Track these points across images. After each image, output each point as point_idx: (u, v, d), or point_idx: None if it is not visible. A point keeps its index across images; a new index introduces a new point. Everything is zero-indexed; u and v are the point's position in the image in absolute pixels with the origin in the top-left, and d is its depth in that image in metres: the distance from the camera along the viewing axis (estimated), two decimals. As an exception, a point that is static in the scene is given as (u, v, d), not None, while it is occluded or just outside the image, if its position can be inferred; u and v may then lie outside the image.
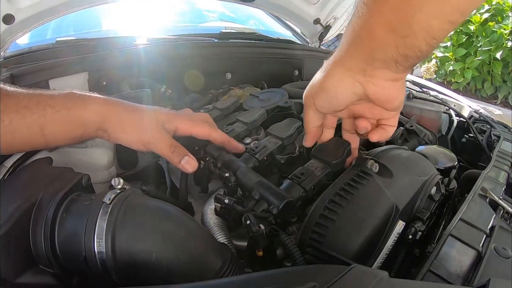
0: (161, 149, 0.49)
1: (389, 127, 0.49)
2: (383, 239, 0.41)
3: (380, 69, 0.39)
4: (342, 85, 0.42)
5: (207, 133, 0.54)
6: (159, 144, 0.49)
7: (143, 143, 0.48)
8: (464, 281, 0.36)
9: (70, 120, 0.45)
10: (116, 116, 0.48)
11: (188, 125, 0.53)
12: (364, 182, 0.45)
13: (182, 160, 0.49)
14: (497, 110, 1.14)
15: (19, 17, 0.86)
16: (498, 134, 0.80)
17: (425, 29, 0.33)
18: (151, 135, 0.48)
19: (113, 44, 0.97)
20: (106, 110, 0.47)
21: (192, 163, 0.50)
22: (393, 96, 0.43)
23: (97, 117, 0.46)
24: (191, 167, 0.50)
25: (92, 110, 0.46)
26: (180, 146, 0.50)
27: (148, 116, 0.50)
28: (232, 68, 1.09)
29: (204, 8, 1.85)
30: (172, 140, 0.50)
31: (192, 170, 0.50)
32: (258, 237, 0.41)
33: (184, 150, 0.51)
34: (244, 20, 1.84)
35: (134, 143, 0.49)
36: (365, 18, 0.36)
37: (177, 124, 0.52)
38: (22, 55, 0.89)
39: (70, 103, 0.45)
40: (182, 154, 0.50)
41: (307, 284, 0.28)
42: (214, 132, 0.55)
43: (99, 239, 0.34)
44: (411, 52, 0.36)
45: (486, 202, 0.49)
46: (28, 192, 0.38)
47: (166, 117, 0.51)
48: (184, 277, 0.35)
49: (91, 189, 0.44)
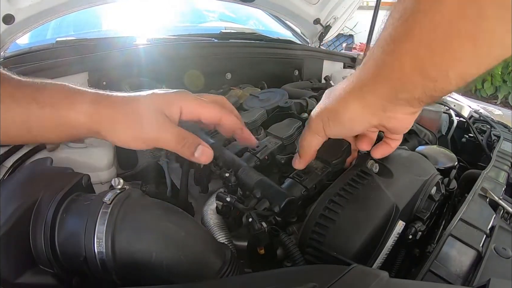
0: (167, 144, 0.41)
1: (394, 142, 0.47)
2: (383, 239, 0.41)
3: (401, 106, 0.38)
4: (360, 120, 0.40)
5: (218, 116, 0.45)
6: (162, 138, 0.41)
7: (143, 141, 0.41)
8: (464, 281, 0.36)
9: (56, 120, 0.40)
10: (106, 115, 0.41)
11: (195, 105, 0.44)
12: (364, 182, 0.45)
13: (196, 152, 0.42)
14: (497, 110, 1.14)
15: (19, 17, 0.86)
16: (498, 134, 0.80)
17: (460, 76, 0.32)
18: (151, 130, 0.41)
19: (113, 44, 0.97)
20: (94, 111, 0.41)
21: (208, 152, 0.42)
22: (409, 124, 0.42)
23: (85, 119, 0.40)
24: (207, 158, 0.42)
25: (78, 110, 0.40)
26: (190, 134, 0.42)
27: (143, 107, 0.42)
28: (232, 68, 1.09)
29: (204, 8, 1.85)
30: (178, 130, 0.42)
31: (209, 161, 0.42)
32: (260, 235, 0.41)
33: (195, 138, 0.43)
34: (244, 20, 1.84)
35: (132, 143, 0.41)
36: (394, 56, 0.34)
37: (181, 105, 0.43)
38: (22, 55, 0.89)
39: (56, 100, 0.40)
40: (195, 145, 0.42)
41: (307, 284, 0.28)
42: (225, 117, 0.46)
43: (99, 239, 0.34)
44: (439, 94, 0.34)
45: (486, 202, 0.49)
46: (28, 192, 0.38)
47: (165, 101, 0.43)
48: (184, 277, 0.35)
49: (91, 189, 0.44)
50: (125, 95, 0.43)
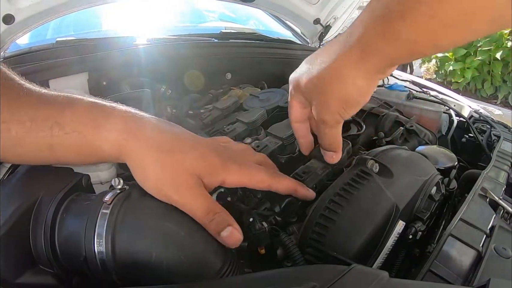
0: (193, 213, 0.36)
1: None
2: (383, 239, 0.41)
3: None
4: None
5: (267, 185, 0.42)
6: (188, 204, 0.36)
7: (167, 199, 0.36)
8: (464, 281, 0.36)
9: (82, 147, 0.36)
10: (135, 151, 0.36)
11: (239, 178, 0.40)
12: (365, 182, 0.45)
13: (224, 232, 0.36)
14: (497, 110, 1.14)
15: (19, 17, 0.86)
16: (498, 134, 0.80)
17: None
18: (180, 195, 0.36)
19: (113, 44, 0.97)
20: (123, 142, 0.36)
21: (236, 236, 0.36)
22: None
23: (113, 150, 0.36)
24: (234, 242, 0.36)
25: (106, 139, 0.36)
26: (222, 210, 0.37)
27: (181, 165, 0.37)
28: (232, 68, 1.09)
29: (204, 8, 1.85)
30: (209, 202, 0.37)
31: (234, 246, 0.36)
32: (261, 235, 0.41)
33: (226, 216, 0.37)
34: (244, 20, 1.84)
35: (156, 195, 0.37)
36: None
37: (225, 177, 0.39)
38: (22, 55, 0.89)
39: (81, 125, 0.36)
40: (224, 224, 0.36)
41: (307, 284, 0.28)
42: (276, 182, 0.42)
43: (99, 239, 0.34)
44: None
45: (486, 202, 0.49)
46: (28, 192, 0.38)
47: (207, 169, 0.38)
48: (184, 277, 0.35)
49: (91, 189, 0.44)
50: (165, 130, 0.38)
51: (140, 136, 0.37)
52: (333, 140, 0.46)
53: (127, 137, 0.36)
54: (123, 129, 0.36)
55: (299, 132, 0.51)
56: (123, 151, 0.36)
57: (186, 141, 0.40)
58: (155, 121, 0.39)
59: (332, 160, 0.49)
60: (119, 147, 0.36)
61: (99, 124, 0.36)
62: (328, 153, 0.49)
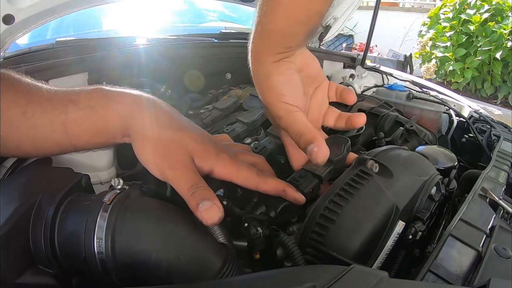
0: (178, 186, 0.38)
1: None
2: (383, 239, 0.41)
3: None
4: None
5: (254, 183, 0.42)
6: (177, 178, 0.38)
7: (160, 171, 0.39)
8: (464, 281, 0.36)
9: (93, 121, 0.38)
10: (139, 124, 0.39)
11: (229, 170, 0.41)
12: (364, 182, 0.45)
13: (200, 205, 0.35)
14: (497, 110, 1.14)
15: (19, 17, 0.86)
16: (498, 134, 0.80)
17: None
18: (171, 166, 0.38)
19: (113, 44, 0.97)
20: (129, 115, 0.39)
21: (213, 211, 0.35)
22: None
23: (120, 123, 0.39)
24: (209, 217, 0.35)
25: (115, 112, 0.39)
26: (205, 187, 0.38)
27: (177, 141, 0.39)
28: (232, 68, 1.09)
29: (204, 8, 1.85)
30: (195, 177, 0.38)
31: (211, 222, 0.35)
32: (255, 240, 0.41)
33: (208, 192, 0.37)
34: (244, 20, 1.84)
35: (150, 166, 0.39)
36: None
37: (215, 165, 0.41)
38: (22, 55, 0.89)
39: (94, 100, 0.39)
40: (201, 197, 0.36)
41: (307, 284, 0.28)
42: (263, 182, 0.43)
43: (99, 239, 0.34)
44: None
45: (486, 202, 0.49)
46: (28, 192, 0.38)
47: (201, 152, 0.40)
48: (184, 277, 0.35)
49: (91, 189, 0.44)
50: (169, 113, 0.42)
51: (145, 111, 0.40)
52: (300, 127, 0.42)
53: (134, 109, 0.39)
54: (131, 103, 0.40)
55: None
56: (129, 123, 0.39)
57: (188, 125, 0.43)
58: (164, 104, 0.43)
59: (317, 157, 0.40)
60: (126, 120, 0.39)
61: (111, 99, 0.39)
62: (309, 149, 0.41)
